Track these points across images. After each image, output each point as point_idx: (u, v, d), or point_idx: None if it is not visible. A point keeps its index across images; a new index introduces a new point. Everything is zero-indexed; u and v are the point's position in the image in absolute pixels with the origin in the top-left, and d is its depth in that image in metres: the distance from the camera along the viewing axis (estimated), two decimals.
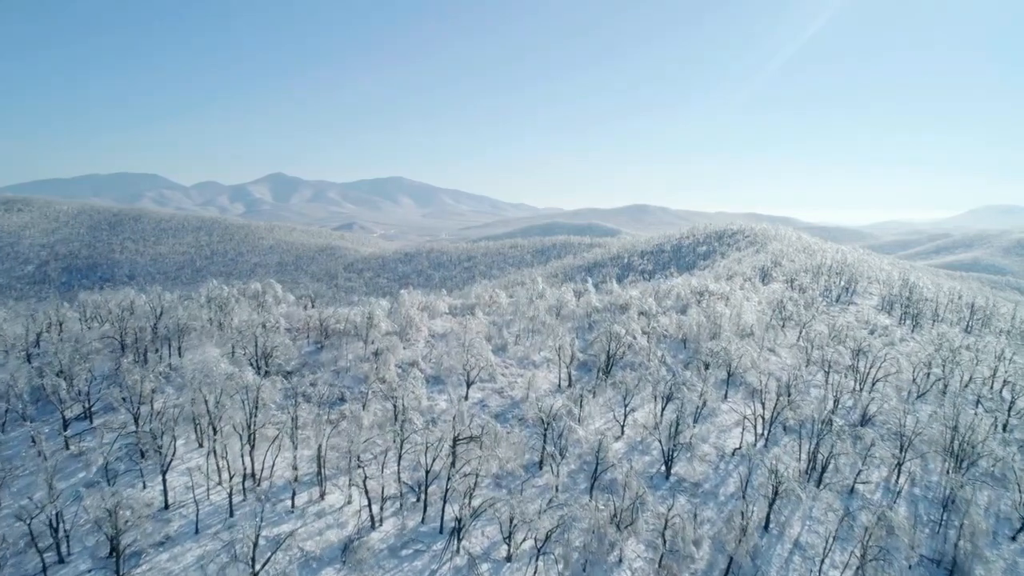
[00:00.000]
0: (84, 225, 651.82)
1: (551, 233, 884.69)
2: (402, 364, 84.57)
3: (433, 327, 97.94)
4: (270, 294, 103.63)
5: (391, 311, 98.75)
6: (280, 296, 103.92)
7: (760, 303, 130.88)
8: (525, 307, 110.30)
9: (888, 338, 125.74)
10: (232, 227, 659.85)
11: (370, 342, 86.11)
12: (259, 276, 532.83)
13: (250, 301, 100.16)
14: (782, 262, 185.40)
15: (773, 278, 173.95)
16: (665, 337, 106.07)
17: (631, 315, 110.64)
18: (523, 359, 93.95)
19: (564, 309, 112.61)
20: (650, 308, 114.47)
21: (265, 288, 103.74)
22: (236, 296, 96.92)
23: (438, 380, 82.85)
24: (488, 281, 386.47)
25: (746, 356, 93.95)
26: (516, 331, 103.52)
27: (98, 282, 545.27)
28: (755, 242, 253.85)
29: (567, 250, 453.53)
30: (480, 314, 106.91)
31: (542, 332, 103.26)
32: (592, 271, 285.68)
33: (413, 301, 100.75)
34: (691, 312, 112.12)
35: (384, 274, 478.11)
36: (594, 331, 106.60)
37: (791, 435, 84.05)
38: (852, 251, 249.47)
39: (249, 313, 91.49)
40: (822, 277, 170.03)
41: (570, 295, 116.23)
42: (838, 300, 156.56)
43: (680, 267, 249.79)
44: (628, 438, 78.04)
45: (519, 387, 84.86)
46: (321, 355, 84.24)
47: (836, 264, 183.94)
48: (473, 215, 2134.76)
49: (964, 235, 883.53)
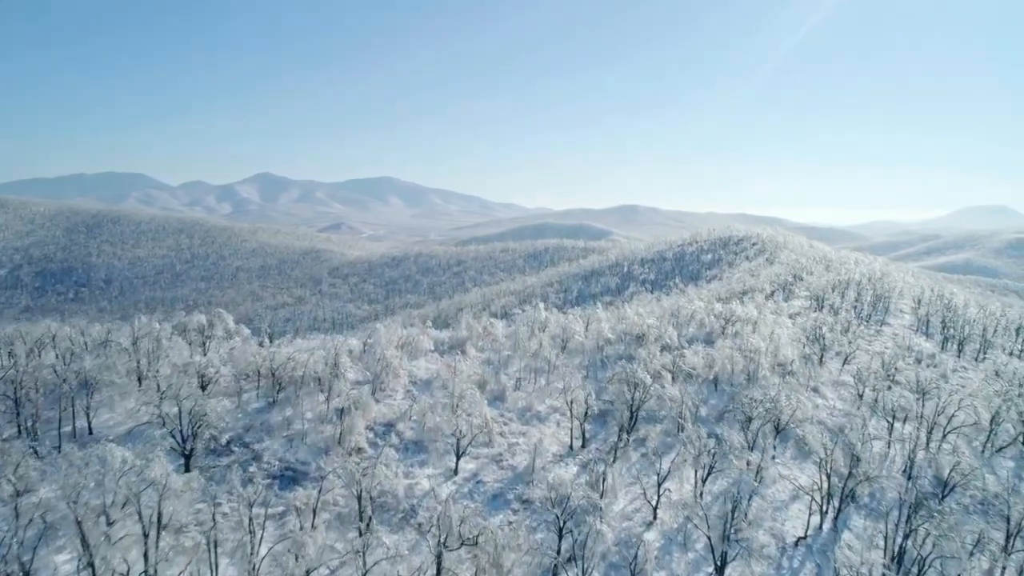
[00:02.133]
0: (61, 227, 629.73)
1: (541, 234, 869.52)
2: (375, 425, 67.11)
3: (415, 371, 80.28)
4: (220, 326, 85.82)
5: (364, 351, 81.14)
6: (231, 329, 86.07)
7: (792, 328, 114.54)
8: (525, 339, 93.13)
9: (938, 369, 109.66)
10: (214, 229, 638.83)
11: (336, 395, 68.59)
12: (241, 280, 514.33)
13: (194, 336, 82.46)
14: (803, 275, 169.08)
15: (794, 294, 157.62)
16: (692, 376, 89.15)
17: (650, 348, 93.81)
18: (525, 411, 76.68)
19: (571, 341, 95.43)
20: (671, 339, 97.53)
21: (213, 319, 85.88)
22: (173, 333, 78.98)
23: (420, 448, 65.42)
24: (479, 288, 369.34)
25: (796, 405, 77.13)
26: (516, 371, 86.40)
27: (73, 287, 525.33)
28: (764, 250, 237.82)
29: (560, 254, 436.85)
30: (472, 351, 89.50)
31: (546, 372, 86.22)
32: (589, 280, 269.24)
33: (391, 338, 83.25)
34: (720, 344, 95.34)
35: (371, 279, 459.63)
36: (608, 369, 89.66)
37: (861, 510, 67.66)
38: (876, 261, 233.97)
39: (187, 356, 73.75)
40: (849, 292, 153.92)
41: (578, 325, 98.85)
42: (869, 320, 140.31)
43: (684, 276, 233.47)
44: (662, 523, 61.14)
45: (522, 451, 67.77)
46: (272, 415, 66.54)
47: (864, 277, 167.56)
48: (462, 215, 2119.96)
49: (955, 236, 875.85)
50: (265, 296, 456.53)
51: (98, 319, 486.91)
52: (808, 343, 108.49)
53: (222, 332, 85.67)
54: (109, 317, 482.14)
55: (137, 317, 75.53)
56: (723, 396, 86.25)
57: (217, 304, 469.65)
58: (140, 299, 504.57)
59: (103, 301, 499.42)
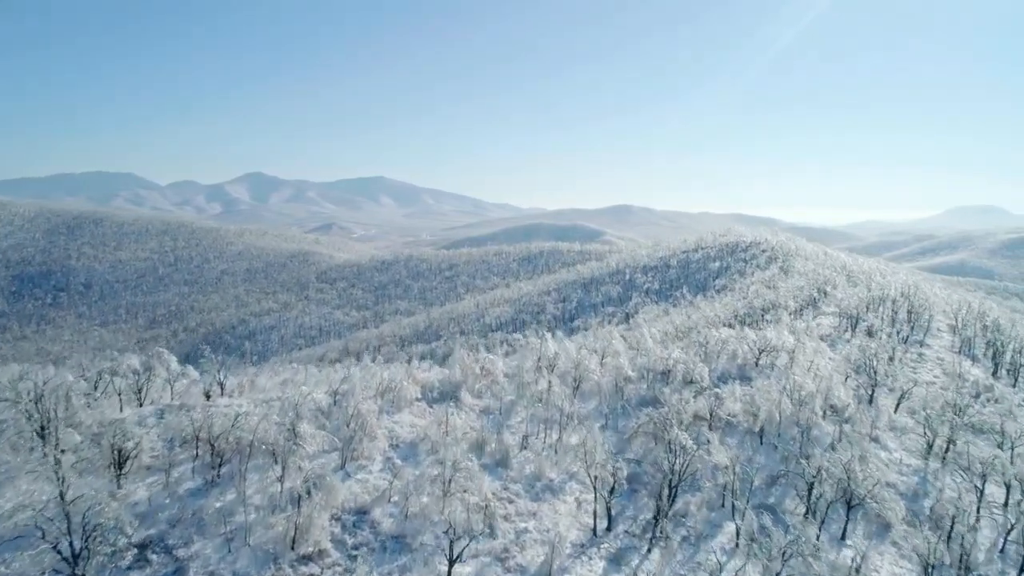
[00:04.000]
0: (41, 229, 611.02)
1: (535, 234, 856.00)
2: (343, 513, 51.79)
3: (397, 429, 64.69)
4: (160, 369, 70.19)
5: (334, 403, 65.63)
6: (174, 372, 70.27)
7: (834, 357, 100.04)
8: (530, 379, 78.07)
9: (1002, 405, 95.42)
10: (199, 231, 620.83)
11: (294, 468, 53.29)
12: (226, 284, 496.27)
13: (129, 380, 66.96)
14: (827, 288, 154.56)
15: (821, 311, 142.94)
16: (732, 425, 74.34)
17: (679, 391, 78.90)
18: (534, 480, 61.51)
19: (586, 381, 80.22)
20: (701, 376, 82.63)
21: (153, 361, 70.24)
22: (97, 382, 63.37)
23: (401, 545, 50.09)
24: (472, 295, 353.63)
25: (867, 469, 62.37)
26: (521, 422, 71.32)
27: (51, 291, 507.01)
28: (775, 257, 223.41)
29: (555, 258, 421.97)
30: (468, 398, 74.01)
31: (558, 421, 71.21)
32: (589, 288, 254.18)
33: (369, 383, 67.94)
34: (760, 385, 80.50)
35: (360, 284, 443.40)
36: (631, 417, 74.71)
37: None
38: (902, 270, 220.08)
39: (110, 415, 58.25)
40: (882, 308, 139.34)
41: (592, 360, 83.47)
42: (906, 341, 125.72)
43: (692, 287, 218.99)
44: None
45: (533, 543, 52.72)
46: (209, 499, 51.06)
47: (898, 290, 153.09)
48: (455, 215, 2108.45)
49: (949, 236, 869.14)
50: (250, 302, 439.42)
51: (76, 325, 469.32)
52: (854, 374, 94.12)
53: (164, 375, 70.07)
54: (88, 323, 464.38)
55: (43, 367, 59.94)
56: (771, 452, 71.35)
57: (200, 310, 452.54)
58: (120, 304, 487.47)
59: (82, 306, 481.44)
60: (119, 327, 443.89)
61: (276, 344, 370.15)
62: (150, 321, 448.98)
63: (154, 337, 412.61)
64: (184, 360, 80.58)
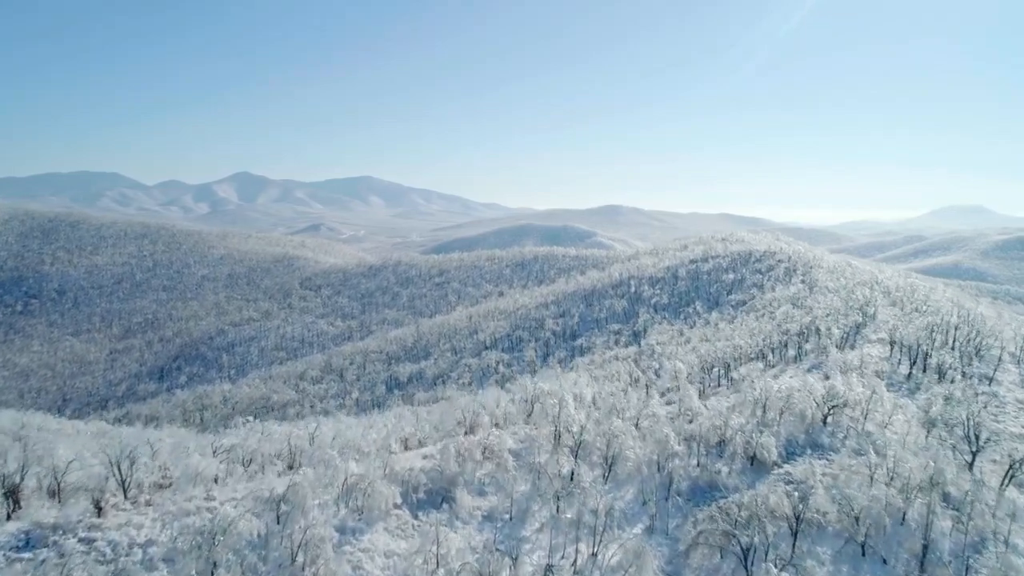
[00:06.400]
0: (14, 232, 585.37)
1: (524, 235, 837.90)
2: None
3: (365, 566, 45.35)
4: (42, 484, 50.34)
5: (278, 521, 46.29)
6: (62, 462, 50.51)
7: (916, 411, 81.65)
8: (548, 460, 59.09)
9: None
10: (180, 234, 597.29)
11: None
12: (206, 291, 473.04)
13: None
14: (868, 308, 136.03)
15: (867, 337, 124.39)
16: (823, 528, 55.57)
17: (742, 472, 60.27)
18: None
19: (622, 463, 61.08)
20: (767, 449, 63.82)
21: (28, 464, 50.38)
22: None
23: None
24: (464, 305, 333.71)
25: None
26: (539, 530, 52.30)
27: (22, 298, 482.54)
28: (794, 269, 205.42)
29: (550, 263, 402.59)
30: (466, 498, 54.29)
31: (590, 526, 52.34)
32: (591, 301, 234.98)
33: (329, 482, 48.61)
34: (842, 461, 61.88)
35: (345, 291, 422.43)
36: (685, 515, 56.03)
37: None
38: (948, 288, 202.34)
39: None
40: (938, 335, 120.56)
41: (629, 437, 63.73)
42: (975, 379, 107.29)
43: (705, 301, 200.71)
44: None
45: None
46: None
47: (955, 314, 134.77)
48: (444, 215, 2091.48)
49: (941, 237, 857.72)
50: (230, 310, 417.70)
51: (46, 334, 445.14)
52: (948, 432, 75.87)
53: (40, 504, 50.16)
54: (59, 332, 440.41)
55: None
56: (879, 568, 52.66)
57: (177, 319, 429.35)
58: (95, 312, 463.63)
59: (54, 314, 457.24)
60: (92, 336, 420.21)
61: (256, 356, 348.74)
62: (125, 330, 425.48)
63: (127, 348, 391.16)
64: (159, 376, 60.49)
